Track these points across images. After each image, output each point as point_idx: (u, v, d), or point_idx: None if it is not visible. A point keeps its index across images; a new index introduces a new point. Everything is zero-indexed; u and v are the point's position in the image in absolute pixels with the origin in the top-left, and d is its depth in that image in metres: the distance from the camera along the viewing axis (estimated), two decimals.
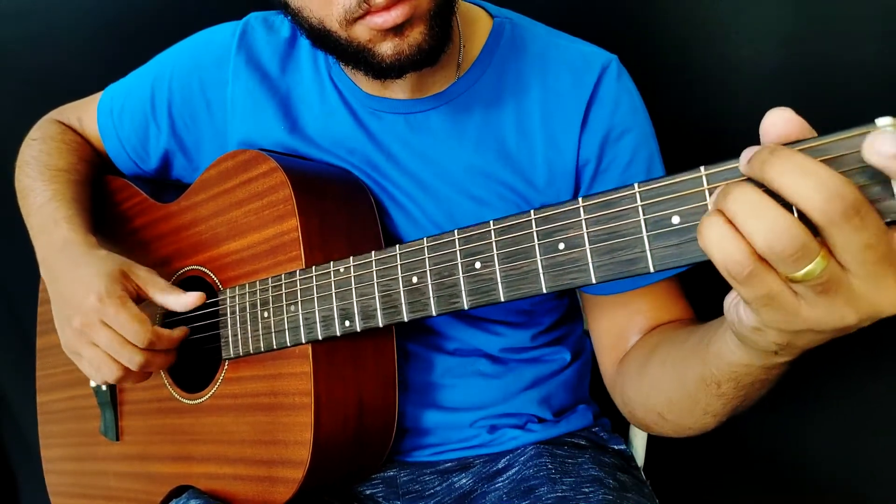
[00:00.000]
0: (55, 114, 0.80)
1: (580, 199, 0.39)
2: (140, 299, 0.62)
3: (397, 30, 0.51)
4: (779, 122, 0.32)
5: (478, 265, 0.43)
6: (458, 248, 0.44)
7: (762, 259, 0.31)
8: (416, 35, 0.52)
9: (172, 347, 0.61)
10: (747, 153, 0.32)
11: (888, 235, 0.30)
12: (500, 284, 0.42)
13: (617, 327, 0.63)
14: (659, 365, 0.54)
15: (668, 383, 0.52)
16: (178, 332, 0.62)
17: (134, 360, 0.58)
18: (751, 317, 0.35)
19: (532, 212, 0.41)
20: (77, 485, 0.79)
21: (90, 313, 0.58)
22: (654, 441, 0.76)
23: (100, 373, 0.61)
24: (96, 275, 0.59)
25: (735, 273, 0.31)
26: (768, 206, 0.30)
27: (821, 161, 0.30)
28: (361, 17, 0.50)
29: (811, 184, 0.29)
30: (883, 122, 0.30)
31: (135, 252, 0.73)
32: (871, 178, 0.30)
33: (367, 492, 0.68)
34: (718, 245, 0.31)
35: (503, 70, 0.64)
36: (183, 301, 0.61)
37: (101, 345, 0.59)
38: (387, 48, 0.52)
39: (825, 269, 0.30)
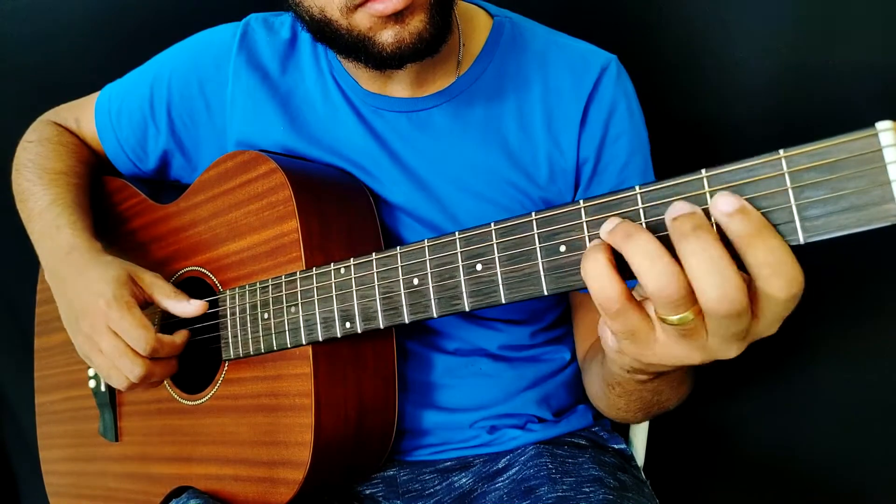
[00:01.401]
0: (51, 115, 0.79)
1: (581, 201, 0.39)
2: (147, 304, 0.62)
3: (398, 16, 0.51)
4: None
5: (479, 267, 0.43)
6: (458, 249, 0.44)
7: (631, 299, 0.36)
8: (416, 23, 0.52)
9: (175, 354, 0.61)
10: (609, 224, 0.37)
11: (749, 322, 0.35)
12: (501, 286, 0.42)
13: (592, 320, 0.69)
14: (589, 362, 0.65)
15: (592, 382, 0.63)
16: (180, 338, 0.62)
17: (134, 372, 0.58)
18: (614, 342, 0.40)
19: (533, 213, 0.41)
20: (76, 485, 0.78)
21: (98, 318, 0.59)
22: (654, 441, 0.76)
23: (110, 380, 0.61)
24: (104, 280, 0.59)
25: (606, 307, 0.36)
26: (665, 258, 0.33)
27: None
28: (362, 3, 0.51)
29: (712, 279, 0.33)
30: (883, 125, 0.31)
31: (134, 253, 0.73)
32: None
33: (367, 491, 0.68)
34: (598, 280, 0.35)
35: (504, 67, 0.64)
36: (187, 308, 0.61)
37: (106, 352, 0.59)
38: (387, 36, 0.52)
39: (693, 321, 0.35)
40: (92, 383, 0.75)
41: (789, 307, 0.34)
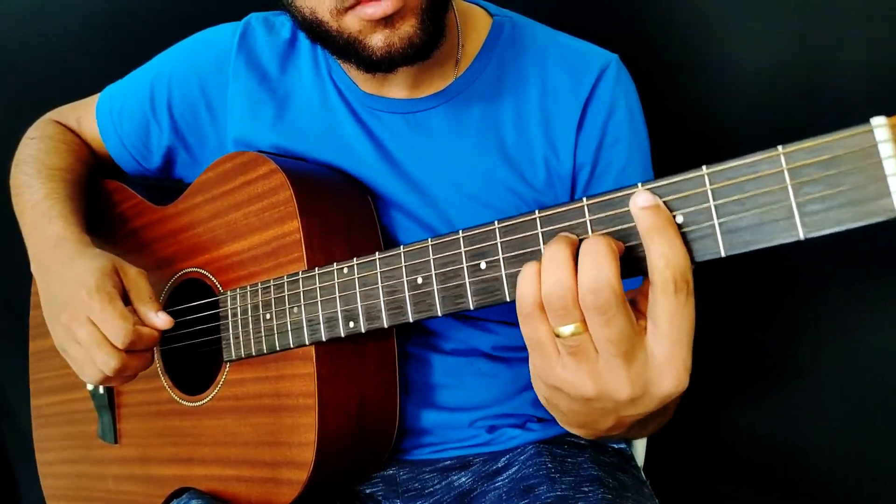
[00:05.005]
0: (53, 114, 0.79)
1: (584, 199, 0.39)
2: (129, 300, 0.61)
3: (388, 20, 0.51)
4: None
5: (483, 265, 0.44)
6: (462, 248, 0.45)
7: (543, 311, 0.37)
8: (406, 28, 0.52)
9: (151, 347, 0.59)
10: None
11: (633, 340, 0.36)
12: (505, 285, 0.43)
13: None
14: None
15: None
16: (157, 332, 0.59)
17: (109, 364, 0.56)
18: (530, 360, 0.40)
19: (537, 212, 0.41)
20: (74, 488, 0.78)
21: (78, 308, 0.57)
22: (654, 441, 0.76)
23: (83, 373, 0.59)
24: (88, 271, 0.58)
25: (520, 307, 0.38)
26: (562, 265, 0.36)
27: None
28: (352, 6, 0.51)
29: (585, 272, 0.35)
30: (877, 121, 0.31)
31: (133, 255, 0.73)
32: None
33: (367, 490, 0.68)
34: (523, 278, 0.37)
35: (503, 68, 0.64)
36: (154, 319, 0.58)
37: (82, 342, 0.57)
38: (377, 40, 0.52)
39: (580, 336, 0.36)
40: (90, 385, 0.74)
41: (678, 317, 0.35)
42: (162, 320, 0.59)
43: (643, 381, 0.36)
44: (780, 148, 0.34)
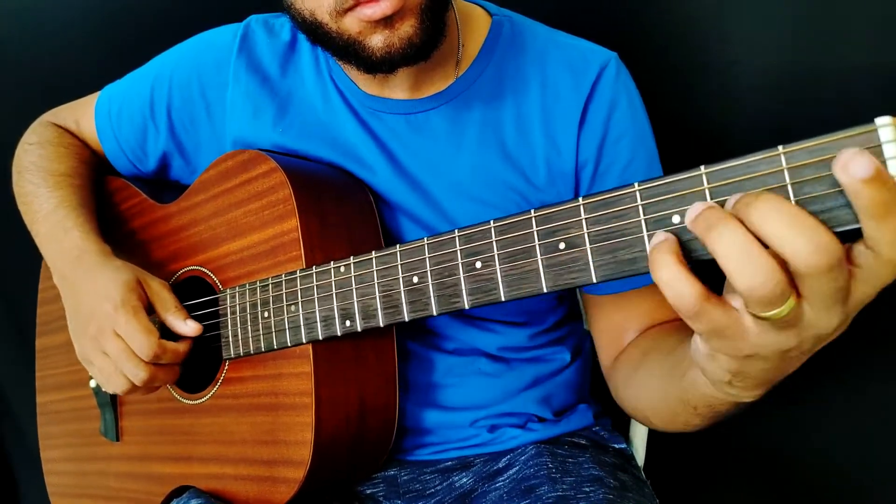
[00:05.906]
0: (50, 116, 0.79)
1: (580, 199, 0.39)
2: (152, 310, 0.63)
3: (387, 21, 0.51)
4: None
5: (478, 265, 0.43)
6: (458, 247, 0.44)
7: (709, 297, 0.33)
8: (406, 28, 0.52)
9: (178, 361, 0.62)
10: (693, 210, 0.33)
11: (849, 280, 0.32)
12: (500, 284, 0.42)
13: (615, 326, 0.65)
14: (647, 375, 0.55)
15: (653, 393, 0.53)
16: (183, 347, 0.62)
17: (138, 376, 0.59)
18: (703, 344, 0.37)
19: (532, 211, 0.41)
20: (77, 485, 0.79)
21: (104, 322, 0.59)
22: (654, 441, 0.76)
23: (109, 383, 0.61)
24: (113, 284, 0.60)
25: (683, 311, 0.33)
26: (756, 251, 0.30)
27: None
28: (351, 8, 0.51)
29: (800, 236, 0.30)
30: (882, 121, 0.30)
31: (134, 253, 0.73)
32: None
33: (368, 491, 0.68)
34: (671, 286, 0.32)
35: (503, 68, 0.64)
36: (182, 327, 0.62)
37: (111, 355, 0.59)
38: (377, 41, 0.52)
39: (793, 310, 0.32)
40: (93, 383, 0.75)
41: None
42: (191, 328, 0.62)
43: (853, 305, 0.33)
44: (780, 147, 0.33)
